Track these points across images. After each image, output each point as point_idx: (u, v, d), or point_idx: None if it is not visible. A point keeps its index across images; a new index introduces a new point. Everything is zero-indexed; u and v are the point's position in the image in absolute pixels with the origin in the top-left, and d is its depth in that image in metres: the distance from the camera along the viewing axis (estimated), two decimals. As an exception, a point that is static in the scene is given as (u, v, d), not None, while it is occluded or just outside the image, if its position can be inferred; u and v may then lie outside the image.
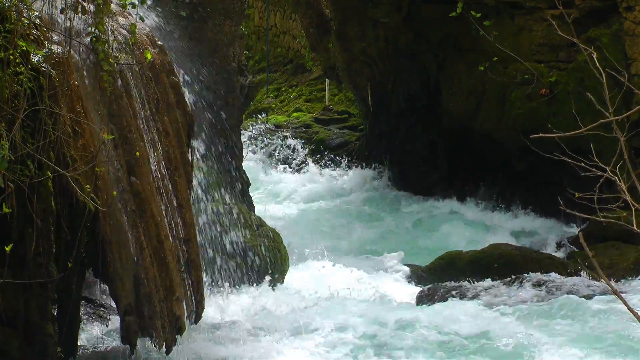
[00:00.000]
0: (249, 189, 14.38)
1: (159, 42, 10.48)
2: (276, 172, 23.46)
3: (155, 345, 9.53)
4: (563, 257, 15.43)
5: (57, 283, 8.81)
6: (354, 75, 21.04)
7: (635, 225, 5.41)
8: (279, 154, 24.13)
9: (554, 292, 13.56)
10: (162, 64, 10.26)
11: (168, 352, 9.67)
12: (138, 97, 9.67)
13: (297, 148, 24.06)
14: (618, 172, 5.42)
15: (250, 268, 12.90)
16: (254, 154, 23.87)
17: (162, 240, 9.55)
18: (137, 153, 9.34)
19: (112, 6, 9.29)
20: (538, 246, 16.48)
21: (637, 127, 14.62)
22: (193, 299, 10.22)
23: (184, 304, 9.93)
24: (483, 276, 14.29)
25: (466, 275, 14.46)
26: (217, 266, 12.48)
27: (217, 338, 11.26)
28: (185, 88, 11.25)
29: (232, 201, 13.04)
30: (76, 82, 8.78)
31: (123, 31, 9.75)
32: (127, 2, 9.59)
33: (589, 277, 13.81)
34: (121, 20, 9.89)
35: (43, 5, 8.75)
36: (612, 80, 11.71)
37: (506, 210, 18.51)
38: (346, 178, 22.24)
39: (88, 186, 8.42)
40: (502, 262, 14.56)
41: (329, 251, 16.65)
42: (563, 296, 13.32)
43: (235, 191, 13.25)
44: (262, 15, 31.16)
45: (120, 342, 9.75)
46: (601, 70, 5.97)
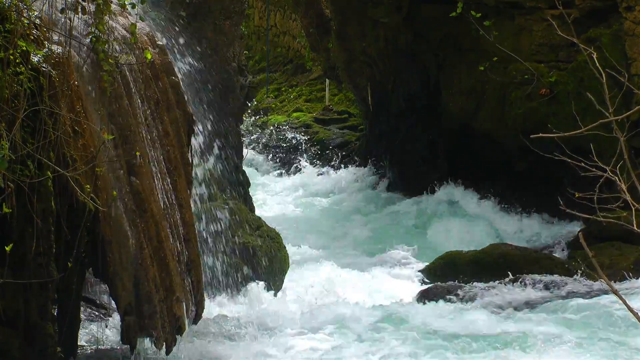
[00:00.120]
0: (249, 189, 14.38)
1: (159, 42, 10.48)
2: (273, 172, 23.46)
3: (155, 345, 9.53)
4: (563, 257, 15.43)
5: (57, 283, 8.81)
6: (354, 75, 21.04)
7: (635, 225, 5.40)
8: (275, 155, 24.12)
9: (554, 292, 13.58)
10: (162, 64, 10.25)
11: (168, 352, 9.67)
12: (138, 97, 9.66)
13: (299, 141, 24.04)
14: (618, 172, 5.42)
15: (250, 268, 12.90)
16: (253, 152, 23.88)
17: (162, 240, 9.55)
18: (137, 153, 9.34)
19: (112, 6, 9.28)
20: (538, 246, 16.48)
21: (637, 127, 14.62)
22: (193, 299, 10.22)
23: (184, 304, 9.92)
24: (483, 276, 14.28)
25: (466, 275, 14.46)
26: (218, 266, 12.49)
27: (218, 338, 11.26)
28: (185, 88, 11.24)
29: (232, 201, 13.04)
30: (76, 82, 8.77)
31: (123, 31, 9.75)
32: (127, 2, 9.58)
33: (589, 277, 13.81)
34: (121, 20, 9.89)
35: (43, 5, 8.75)
36: (612, 80, 11.70)
37: (506, 210, 18.49)
38: (343, 177, 22.24)
39: (88, 186, 8.42)
40: (502, 262, 14.56)
41: (329, 251, 16.66)
42: (563, 296, 13.34)
43: (235, 191, 13.24)
44: (262, 15, 31.17)
45: (120, 342, 9.75)
46: (601, 70, 5.96)
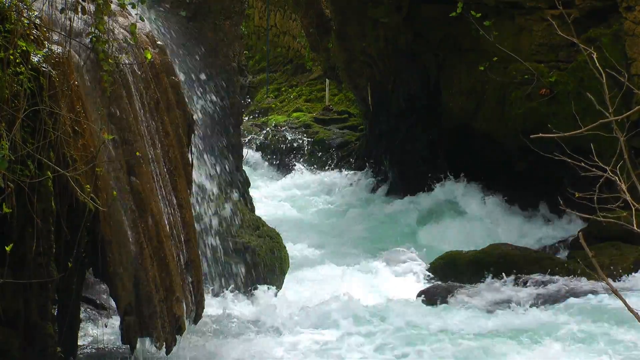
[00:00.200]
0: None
1: (159, 42, 10.48)
2: (269, 172, 23.45)
3: (155, 345, 9.53)
4: (563, 257, 15.43)
5: (57, 283, 8.81)
6: (354, 75, 21.04)
7: (635, 225, 5.41)
8: (272, 155, 24.12)
9: (554, 292, 13.58)
10: (162, 64, 10.25)
11: (168, 352, 9.67)
12: (138, 97, 9.66)
13: (297, 141, 24.04)
14: (618, 172, 5.42)
15: (250, 268, 12.90)
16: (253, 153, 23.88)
17: (162, 240, 9.55)
18: (137, 153, 9.34)
19: (112, 6, 9.28)
20: (538, 246, 16.48)
21: (637, 127, 14.62)
22: (193, 299, 10.21)
23: (184, 304, 9.92)
24: (483, 276, 14.29)
25: (466, 275, 14.46)
26: (218, 266, 12.48)
27: (217, 338, 11.26)
28: (185, 88, 11.24)
29: (232, 201, 13.04)
30: (76, 82, 8.77)
31: (123, 31, 9.75)
32: (127, 2, 9.58)
33: (589, 277, 13.81)
34: (121, 20, 9.89)
35: (43, 5, 8.75)
36: (612, 80, 11.70)
37: (506, 210, 18.49)
38: (342, 177, 22.24)
39: (88, 186, 8.42)
40: (502, 262, 14.56)
41: (328, 251, 16.67)
42: (563, 296, 13.34)
43: (235, 191, 13.24)
44: (262, 15, 31.17)
45: (120, 342, 9.75)
46: (601, 70, 5.97)
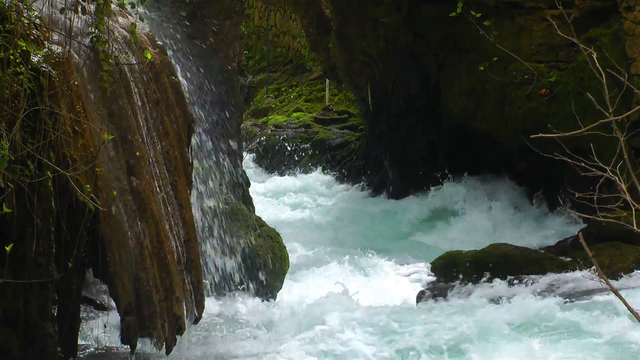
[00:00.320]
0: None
1: (159, 42, 10.48)
2: (266, 173, 23.45)
3: (155, 345, 9.53)
4: (563, 257, 15.42)
5: (57, 283, 8.81)
6: (354, 75, 21.04)
7: (635, 225, 5.41)
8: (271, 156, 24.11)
9: (554, 292, 13.57)
10: (162, 64, 10.25)
11: (168, 352, 9.67)
12: (138, 97, 9.66)
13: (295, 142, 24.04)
14: (618, 172, 5.42)
15: (251, 268, 12.90)
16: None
17: (162, 240, 9.55)
18: (137, 153, 9.34)
19: (112, 6, 9.28)
20: (538, 246, 16.47)
21: (637, 127, 14.62)
22: (193, 299, 10.22)
23: (184, 304, 9.92)
24: (483, 276, 14.28)
25: (466, 275, 14.45)
26: (218, 266, 12.48)
27: (217, 338, 11.26)
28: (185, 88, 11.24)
29: (233, 201, 13.04)
30: (76, 82, 8.77)
31: (123, 31, 9.75)
32: (127, 2, 9.58)
33: (589, 277, 13.80)
34: (121, 20, 9.89)
35: (43, 5, 8.75)
36: (612, 80, 11.69)
37: (507, 209, 18.49)
38: (339, 177, 22.24)
39: (88, 186, 8.42)
40: (502, 262, 14.55)
41: (327, 251, 16.65)
42: (563, 296, 13.33)
43: (235, 191, 13.24)
44: (262, 15, 31.17)
45: (120, 342, 9.75)
46: (601, 70, 5.97)
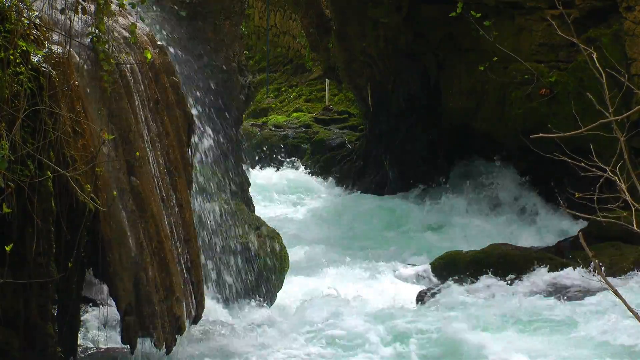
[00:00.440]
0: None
1: (159, 42, 10.48)
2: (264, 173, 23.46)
3: (155, 345, 9.53)
4: (563, 257, 15.42)
5: (57, 283, 8.81)
6: (354, 75, 21.04)
7: (635, 225, 5.40)
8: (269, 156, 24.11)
9: (554, 292, 13.57)
10: (162, 64, 10.25)
11: (168, 352, 9.67)
12: (138, 97, 9.66)
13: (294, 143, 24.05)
14: (618, 172, 5.42)
15: (250, 268, 12.90)
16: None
17: (162, 240, 9.55)
18: (137, 153, 9.34)
19: (112, 6, 9.28)
20: (538, 246, 16.46)
21: (637, 127, 14.63)
22: (193, 299, 10.21)
23: (184, 304, 9.92)
24: (483, 276, 14.28)
25: (466, 275, 14.45)
26: (218, 266, 12.48)
27: (217, 338, 11.26)
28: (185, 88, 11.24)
29: (233, 201, 13.04)
30: (76, 82, 8.77)
31: (123, 31, 9.74)
32: (127, 2, 9.57)
33: (589, 277, 13.80)
34: (121, 20, 9.88)
35: (43, 5, 8.75)
36: (612, 80, 11.68)
37: (507, 209, 18.48)
38: (339, 177, 22.24)
39: (88, 186, 8.42)
40: (502, 262, 14.55)
41: (327, 251, 16.66)
42: (563, 296, 13.33)
43: (235, 191, 13.24)
44: (262, 15, 31.17)
45: (120, 342, 9.75)
46: (601, 70, 5.96)
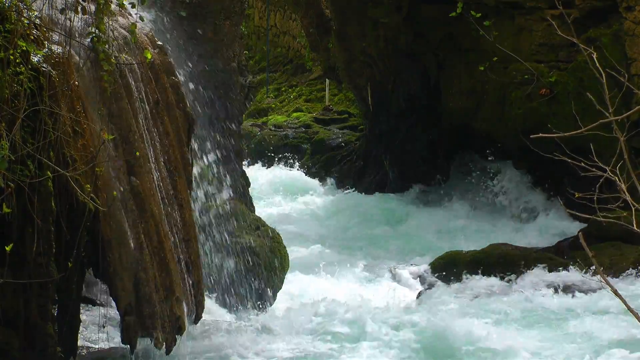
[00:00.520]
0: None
1: (159, 42, 10.48)
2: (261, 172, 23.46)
3: (155, 345, 9.53)
4: (563, 257, 15.43)
5: (57, 283, 8.81)
6: (354, 75, 21.04)
7: (635, 225, 5.40)
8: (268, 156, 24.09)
9: (554, 292, 13.58)
10: (162, 64, 10.25)
11: (168, 352, 9.67)
12: (138, 97, 9.66)
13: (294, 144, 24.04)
14: (618, 172, 5.42)
15: (250, 267, 12.90)
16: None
17: (162, 240, 9.55)
18: (137, 153, 9.34)
19: (112, 6, 9.28)
20: (538, 246, 16.47)
21: (637, 127, 14.63)
22: (193, 299, 10.21)
23: (184, 304, 9.92)
24: (483, 276, 14.29)
25: (466, 275, 14.46)
26: (218, 266, 12.48)
27: (217, 338, 11.26)
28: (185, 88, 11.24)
29: (232, 201, 13.04)
30: (76, 82, 8.77)
31: (123, 31, 9.75)
32: (127, 2, 9.58)
33: (589, 277, 13.81)
34: (121, 20, 9.88)
35: (43, 5, 8.75)
36: (612, 80, 11.69)
37: (506, 209, 18.49)
38: (339, 177, 22.24)
39: (88, 186, 8.42)
40: (502, 262, 14.56)
41: (327, 252, 16.66)
42: (563, 296, 13.34)
43: (235, 191, 13.24)
44: (262, 15, 31.17)
45: (120, 342, 9.75)
46: (601, 70, 5.96)
